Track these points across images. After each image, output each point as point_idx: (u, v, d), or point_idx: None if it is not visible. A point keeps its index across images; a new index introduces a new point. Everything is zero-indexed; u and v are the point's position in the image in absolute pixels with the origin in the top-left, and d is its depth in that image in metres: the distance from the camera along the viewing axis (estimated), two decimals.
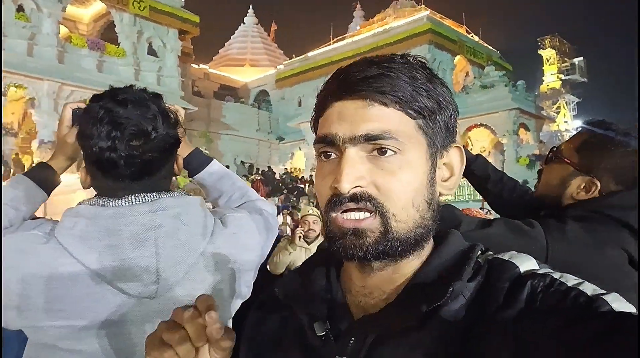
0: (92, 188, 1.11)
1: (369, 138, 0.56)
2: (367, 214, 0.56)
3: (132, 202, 1.04)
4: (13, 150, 18.61)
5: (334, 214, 0.58)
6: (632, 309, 0.47)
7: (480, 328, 0.52)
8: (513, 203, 1.53)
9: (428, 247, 0.62)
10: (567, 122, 46.89)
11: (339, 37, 34.00)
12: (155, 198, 1.07)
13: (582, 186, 1.22)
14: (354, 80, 0.57)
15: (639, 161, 1.18)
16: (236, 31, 40.56)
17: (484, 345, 0.50)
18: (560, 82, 48.32)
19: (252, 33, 39.76)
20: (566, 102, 48.10)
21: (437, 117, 0.59)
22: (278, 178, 21.81)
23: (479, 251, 0.60)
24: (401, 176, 0.56)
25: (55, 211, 5.21)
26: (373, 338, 0.57)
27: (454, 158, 0.63)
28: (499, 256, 0.58)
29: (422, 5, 31.71)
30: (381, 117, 0.56)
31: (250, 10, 40.41)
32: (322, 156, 0.61)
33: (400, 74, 0.57)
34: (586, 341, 0.43)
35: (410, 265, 0.61)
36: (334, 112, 0.59)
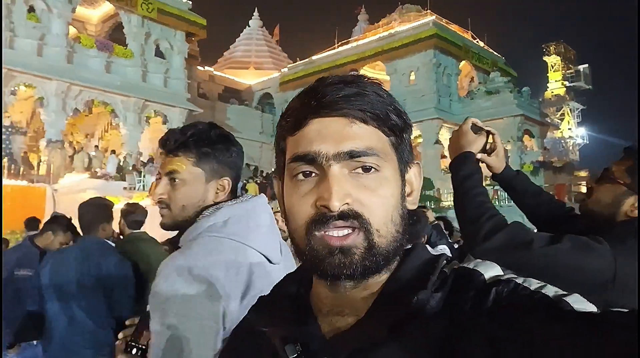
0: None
1: (353, 155, 0.57)
2: (350, 230, 0.57)
3: None
4: (22, 149, 18.76)
5: (318, 234, 0.57)
6: (593, 309, 0.49)
7: (453, 337, 0.52)
8: (549, 216, 1.64)
9: (395, 260, 0.63)
10: (571, 130, 46.88)
11: (343, 41, 34.14)
12: None
13: (635, 205, 1.34)
14: (334, 99, 0.58)
15: (639, 164, 1.31)
16: (241, 34, 40.75)
17: (462, 352, 0.51)
18: (565, 89, 48.28)
19: (256, 36, 39.92)
20: (570, 110, 48.06)
21: (404, 134, 0.62)
22: None
23: (444, 261, 0.61)
24: (381, 193, 0.58)
25: (66, 210, 5.32)
26: (346, 355, 0.57)
27: (414, 174, 0.65)
28: (464, 265, 0.60)
29: (428, 10, 31.81)
30: (362, 134, 0.58)
31: (256, 13, 40.61)
32: (298, 176, 0.60)
33: (373, 93, 0.59)
34: (557, 340, 0.45)
35: (381, 280, 0.61)
36: (312, 131, 0.59)
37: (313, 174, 0.59)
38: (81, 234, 3.13)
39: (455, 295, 0.56)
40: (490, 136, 1.50)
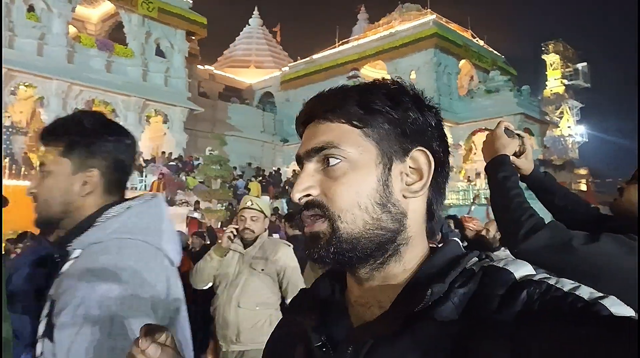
0: None
1: (316, 150, 0.63)
2: (317, 219, 0.62)
3: None
4: (22, 149, 18.74)
5: (303, 226, 0.65)
6: (631, 312, 0.47)
7: (474, 333, 0.52)
8: (576, 216, 1.67)
9: (415, 254, 0.64)
10: (571, 128, 46.97)
11: (344, 40, 34.16)
12: None
13: None
14: (310, 107, 0.66)
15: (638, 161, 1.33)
16: (241, 33, 40.72)
17: (479, 350, 0.51)
18: (564, 87, 48.41)
19: (257, 35, 39.90)
20: (569, 108, 48.17)
21: (388, 125, 0.63)
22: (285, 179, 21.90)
23: (475, 259, 0.61)
24: (344, 180, 0.61)
25: None
26: (369, 346, 0.59)
27: (421, 161, 0.64)
28: (494, 263, 0.59)
29: (428, 10, 31.82)
30: (326, 131, 0.63)
31: (256, 12, 40.59)
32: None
33: (349, 94, 0.64)
34: (586, 346, 0.44)
35: (396, 272, 0.63)
36: (303, 138, 0.67)
37: None
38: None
39: (483, 293, 0.55)
40: (520, 139, 1.53)
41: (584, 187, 24.32)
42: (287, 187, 20.06)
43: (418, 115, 0.64)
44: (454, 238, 0.67)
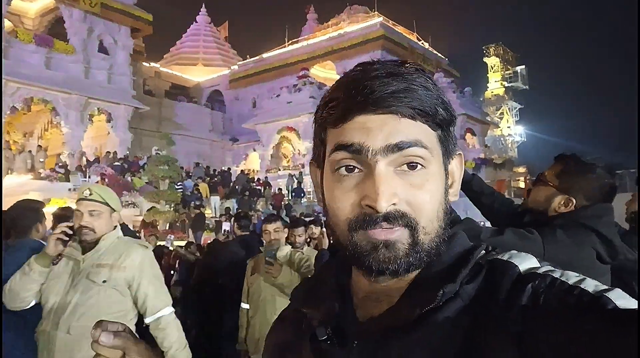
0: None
1: (401, 147, 0.56)
2: (397, 228, 0.57)
3: None
4: None
5: (362, 231, 0.57)
6: (636, 305, 0.47)
7: (482, 329, 0.52)
8: (501, 212, 1.96)
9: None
10: (510, 128, 49.23)
11: (293, 40, 34.24)
12: None
13: (562, 203, 1.62)
14: (382, 95, 0.56)
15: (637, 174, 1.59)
16: (188, 30, 39.98)
17: (487, 345, 0.51)
18: (504, 89, 50.64)
19: (204, 32, 39.26)
20: (509, 109, 50.47)
21: (451, 127, 0.61)
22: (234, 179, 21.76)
23: (482, 252, 0.61)
24: (428, 189, 0.57)
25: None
26: (377, 341, 0.57)
27: (456, 165, 0.65)
28: (499, 257, 0.59)
29: (375, 12, 32.47)
30: (411, 129, 0.57)
31: (203, 10, 39.96)
32: (341, 169, 0.59)
33: (422, 87, 0.57)
34: (593, 339, 0.44)
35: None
36: (357, 123, 0.57)
37: (356, 170, 0.58)
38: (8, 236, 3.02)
39: (489, 287, 0.55)
40: None
41: (522, 184, 25.54)
42: (237, 187, 19.96)
43: (455, 119, 0.63)
44: (461, 231, 0.66)
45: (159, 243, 9.30)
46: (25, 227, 2.86)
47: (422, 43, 33.35)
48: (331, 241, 3.88)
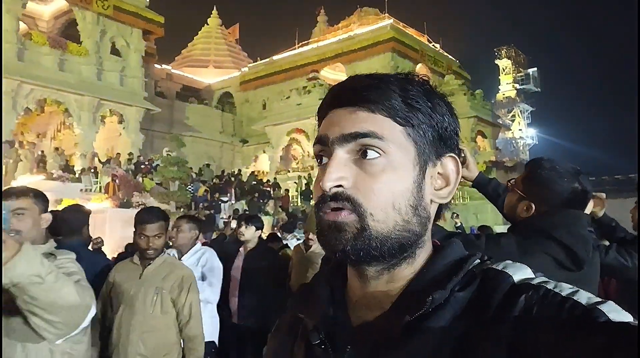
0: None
1: (355, 136, 0.59)
2: (344, 210, 0.59)
3: None
4: None
5: (320, 214, 0.61)
6: (629, 318, 0.47)
7: (474, 338, 0.52)
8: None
9: (424, 256, 0.63)
10: (522, 131, 48.85)
11: (303, 42, 34.32)
12: None
13: (524, 208, 1.63)
14: (346, 91, 0.62)
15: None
16: (199, 32, 40.23)
17: (477, 354, 0.51)
18: (516, 91, 50.26)
19: (215, 35, 39.49)
20: (521, 111, 50.05)
21: (427, 127, 0.61)
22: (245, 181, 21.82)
23: (477, 261, 0.61)
24: (382, 178, 0.58)
25: None
26: (369, 347, 0.58)
27: (449, 168, 0.64)
28: (494, 266, 0.59)
29: (386, 14, 32.43)
30: (368, 120, 0.59)
31: (214, 12, 40.19)
32: (318, 161, 0.64)
33: (391, 86, 0.60)
34: (585, 353, 0.44)
35: (405, 274, 0.62)
36: (327, 120, 0.63)
37: (325, 160, 0.62)
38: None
39: (481, 297, 0.55)
40: (462, 152, 1.78)
41: None
42: (245, 188, 20.03)
43: (451, 121, 0.64)
44: (457, 240, 0.66)
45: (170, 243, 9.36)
46: (74, 228, 3.07)
47: (433, 45, 33.22)
48: None
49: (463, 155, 1.76)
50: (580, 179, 1.58)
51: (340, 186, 0.59)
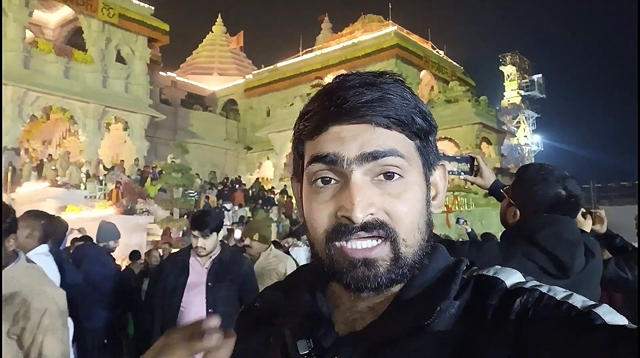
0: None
1: (376, 156, 0.54)
2: (376, 242, 0.54)
3: None
4: None
5: (338, 244, 0.55)
6: (624, 321, 0.46)
7: (473, 344, 0.51)
8: None
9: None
10: (527, 137, 48.73)
11: (307, 49, 34.41)
12: None
13: (512, 214, 1.64)
14: (355, 105, 0.55)
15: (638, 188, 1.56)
16: (204, 40, 40.43)
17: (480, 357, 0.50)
18: (520, 98, 50.19)
19: (220, 42, 39.67)
20: (526, 118, 49.96)
21: (430, 137, 0.60)
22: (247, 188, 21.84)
23: (464, 267, 0.60)
24: (407, 199, 0.55)
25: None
26: (359, 355, 0.55)
27: (439, 176, 0.63)
28: (484, 272, 0.58)
29: (390, 21, 32.48)
30: (386, 138, 0.55)
31: (219, 20, 40.41)
32: (317, 181, 0.57)
33: (397, 96, 0.56)
34: (582, 355, 0.44)
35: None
36: (332, 134, 0.56)
37: (333, 181, 0.57)
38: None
39: (476, 303, 0.54)
40: (475, 160, 1.78)
41: None
42: (251, 195, 20.03)
43: (435, 129, 0.62)
44: (440, 244, 0.64)
45: (172, 250, 9.40)
46: (108, 237, 3.74)
47: (437, 51, 33.21)
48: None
49: (476, 164, 1.76)
50: (567, 184, 1.55)
51: (370, 213, 0.54)
